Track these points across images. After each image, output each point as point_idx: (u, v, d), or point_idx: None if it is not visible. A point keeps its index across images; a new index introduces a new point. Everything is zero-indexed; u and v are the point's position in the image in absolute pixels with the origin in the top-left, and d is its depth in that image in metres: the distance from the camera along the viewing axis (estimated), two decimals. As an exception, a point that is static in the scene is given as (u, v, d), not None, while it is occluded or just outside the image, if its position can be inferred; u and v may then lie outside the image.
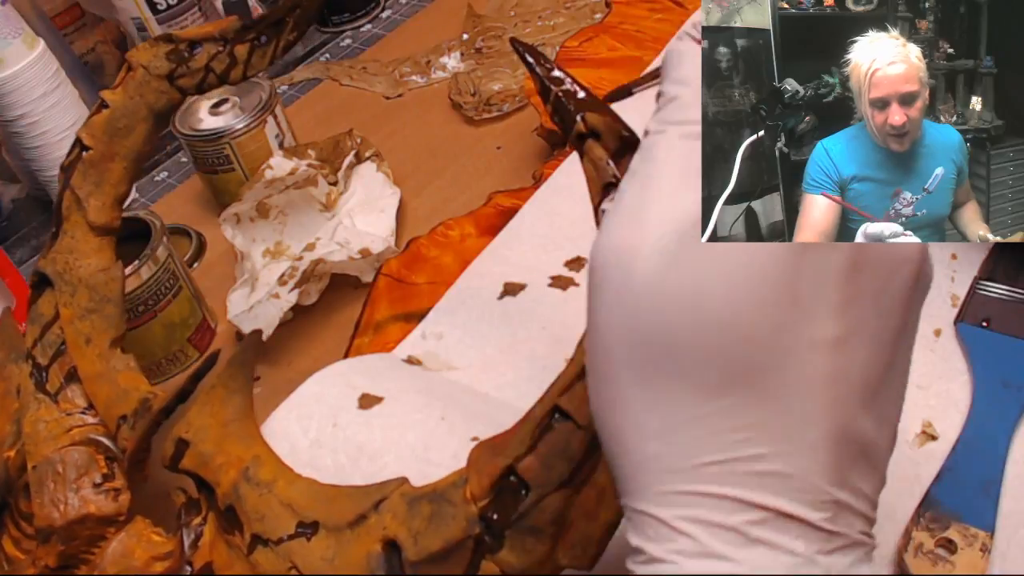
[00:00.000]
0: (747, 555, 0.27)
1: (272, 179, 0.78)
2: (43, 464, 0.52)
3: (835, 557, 0.27)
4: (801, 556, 0.27)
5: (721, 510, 0.27)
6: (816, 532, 0.27)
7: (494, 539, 0.37)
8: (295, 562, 0.41)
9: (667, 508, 0.28)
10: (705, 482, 0.27)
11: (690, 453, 0.27)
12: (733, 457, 0.27)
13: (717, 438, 0.27)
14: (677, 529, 0.27)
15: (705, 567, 0.27)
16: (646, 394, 0.28)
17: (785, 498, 0.27)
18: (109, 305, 0.56)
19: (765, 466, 0.27)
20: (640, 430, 0.28)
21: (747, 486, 0.27)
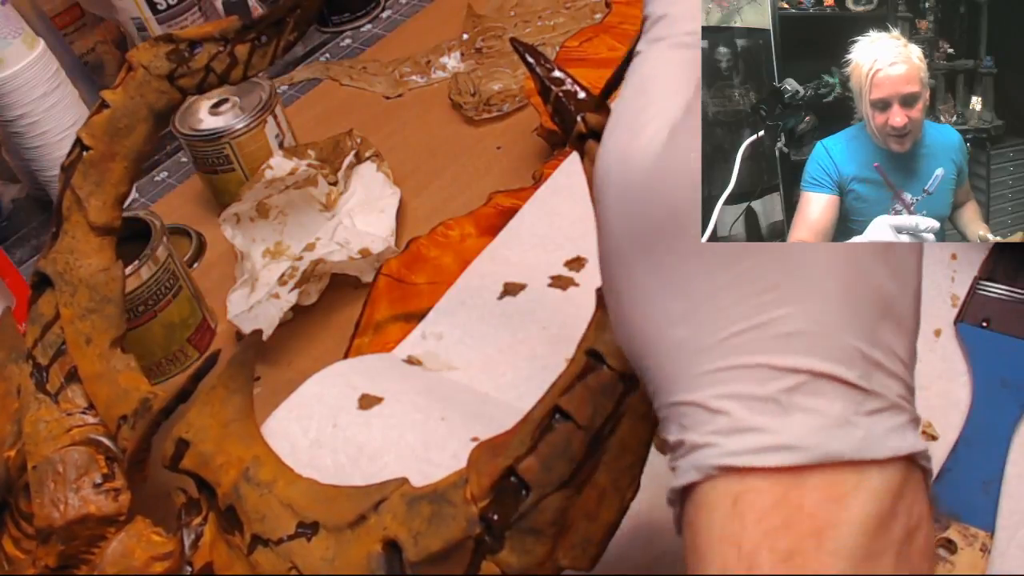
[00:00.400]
0: (785, 423, 0.26)
1: (272, 179, 0.78)
2: (43, 464, 0.52)
3: (875, 419, 0.27)
4: (839, 418, 0.26)
5: (754, 380, 0.26)
6: (852, 391, 0.26)
7: (494, 540, 0.36)
8: (295, 562, 0.41)
9: (701, 390, 0.27)
10: (735, 354, 0.27)
11: (716, 327, 0.27)
12: (758, 322, 0.27)
13: (740, 305, 0.27)
14: (713, 409, 0.27)
15: (744, 443, 0.26)
16: (664, 281, 0.28)
17: (816, 356, 0.26)
18: (109, 305, 0.56)
19: (791, 326, 0.26)
20: (665, 320, 0.28)
21: (777, 350, 0.26)
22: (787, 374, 0.26)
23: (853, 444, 0.26)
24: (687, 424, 0.28)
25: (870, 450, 0.26)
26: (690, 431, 0.28)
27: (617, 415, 0.36)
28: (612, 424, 0.36)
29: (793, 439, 0.26)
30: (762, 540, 0.26)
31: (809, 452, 0.26)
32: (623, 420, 0.36)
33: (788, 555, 0.26)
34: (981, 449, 0.51)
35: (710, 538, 0.27)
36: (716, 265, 0.27)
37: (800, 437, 0.26)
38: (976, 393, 0.54)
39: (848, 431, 0.26)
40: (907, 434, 0.27)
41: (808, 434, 0.26)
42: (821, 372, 0.26)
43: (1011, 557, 0.48)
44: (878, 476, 0.26)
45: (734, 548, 0.26)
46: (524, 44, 0.44)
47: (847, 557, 0.26)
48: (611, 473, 0.36)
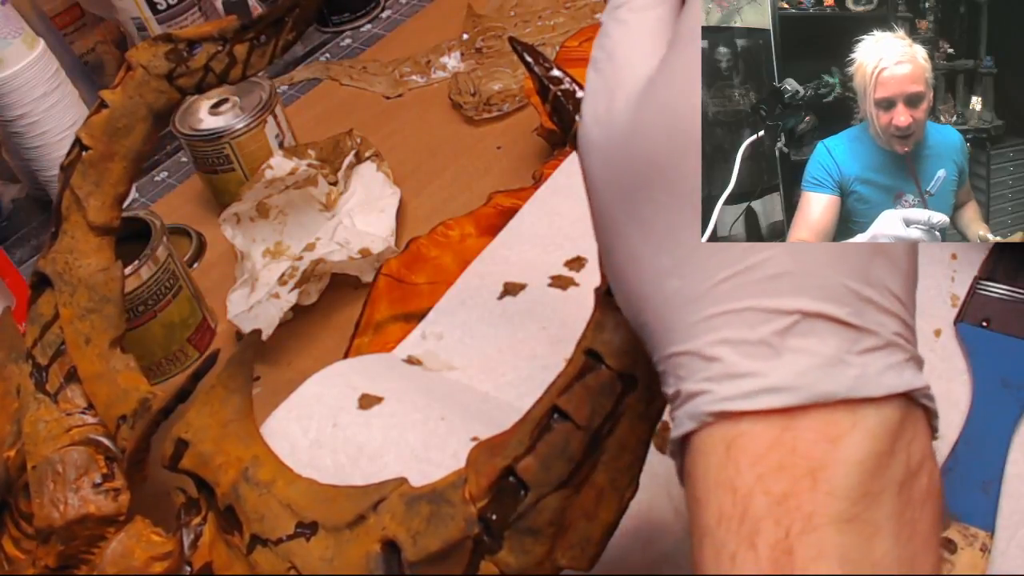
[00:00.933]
0: (776, 365, 0.26)
1: (272, 179, 0.78)
2: (43, 464, 0.51)
3: (869, 357, 0.26)
4: (831, 357, 0.26)
5: (745, 324, 0.26)
6: (844, 329, 0.26)
7: (493, 539, 0.36)
8: (294, 562, 0.41)
9: (694, 339, 0.27)
10: (724, 300, 0.27)
11: (705, 275, 0.27)
12: (744, 267, 0.27)
13: (725, 251, 0.27)
14: (706, 356, 0.27)
15: (737, 387, 0.26)
16: (650, 235, 0.28)
17: (805, 296, 0.26)
18: (109, 305, 0.56)
19: (777, 267, 0.26)
20: (655, 273, 0.28)
21: (764, 293, 0.26)
22: (777, 316, 0.26)
23: (846, 383, 0.26)
24: (682, 374, 0.28)
25: (864, 388, 0.26)
26: (685, 380, 0.28)
27: (616, 415, 0.36)
28: (611, 424, 0.36)
29: (785, 380, 0.26)
30: (756, 483, 0.26)
31: (801, 392, 0.26)
32: (622, 420, 0.36)
33: (783, 497, 0.25)
34: (981, 449, 0.51)
35: (707, 484, 0.27)
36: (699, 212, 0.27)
37: (792, 378, 0.26)
38: (976, 393, 0.54)
39: (841, 370, 0.26)
40: (904, 372, 0.27)
41: (800, 375, 0.26)
42: (811, 311, 0.26)
43: (1011, 557, 0.48)
44: (874, 415, 0.26)
45: (729, 493, 0.26)
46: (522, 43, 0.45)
47: (843, 497, 0.25)
48: (610, 473, 0.36)
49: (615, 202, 0.30)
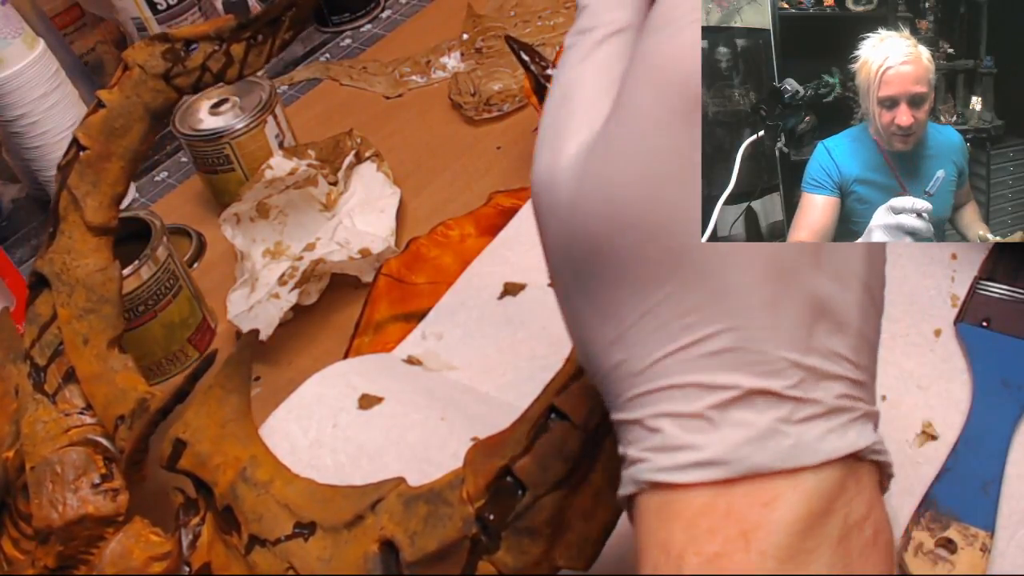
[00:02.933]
0: (712, 438, 0.26)
1: (272, 179, 0.78)
2: (41, 465, 0.51)
3: (805, 425, 0.26)
4: (767, 429, 0.26)
5: (684, 399, 0.27)
6: (782, 401, 0.26)
7: (490, 539, 0.36)
8: (292, 562, 0.41)
9: (638, 410, 0.28)
10: (666, 375, 0.27)
11: (646, 351, 0.27)
12: (685, 343, 0.27)
13: (666, 329, 0.27)
14: (648, 427, 0.27)
15: (674, 459, 0.27)
16: (595, 306, 0.29)
17: (743, 372, 0.26)
18: (107, 305, 0.56)
19: (717, 344, 0.27)
20: (601, 343, 0.29)
21: (705, 369, 0.27)
22: (716, 391, 0.27)
23: (780, 454, 0.26)
24: (628, 439, 0.28)
25: (799, 458, 0.26)
26: (630, 446, 0.28)
27: (614, 414, 0.36)
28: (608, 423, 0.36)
29: (719, 454, 0.26)
30: (688, 544, 0.26)
31: (734, 466, 0.26)
32: (620, 420, 0.36)
33: (714, 557, 0.26)
34: (981, 449, 0.51)
35: (645, 543, 0.28)
36: (639, 291, 0.27)
37: (726, 451, 0.26)
38: (976, 393, 0.54)
39: (776, 441, 0.26)
40: (848, 433, 0.27)
41: (734, 448, 0.26)
42: (750, 388, 0.26)
43: (1011, 557, 0.48)
44: (811, 478, 0.26)
45: (663, 553, 0.27)
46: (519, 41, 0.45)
47: (775, 556, 0.26)
48: (607, 472, 0.36)
49: (563, 267, 0.30)
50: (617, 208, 0.27)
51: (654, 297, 0.27)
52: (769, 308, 0.27)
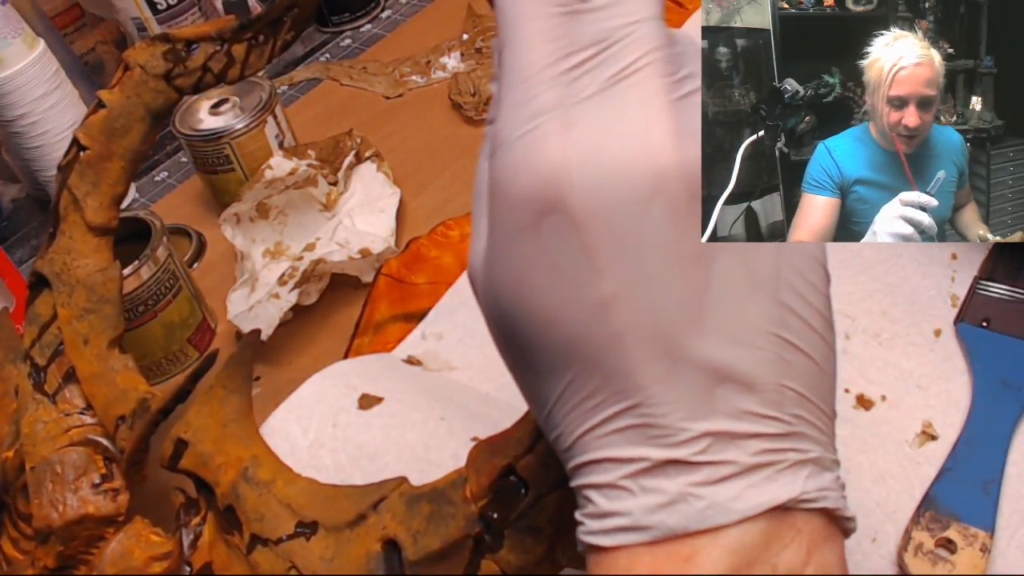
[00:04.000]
0: (631, 505, 0.28)
1: (272, 179, 0.78)
2: (42, 465, 0.51)
3: (722, 486, 0.27)
4: (678, 494, 0.27)
5: (604, 472, 0.28)
6: (692, 468, 0.27)
7: (494, 538, 0.36)
8: (294, 562, 0.41)
9: (575, 479, 0.30)
10: (587, 451, 0.29)
11: (568, 431, 0.29)
12: (595, 423, 0.28)
13: (576, 411, 0.29)
14: (584, 496, 0.29)
15: (601, 524, 0.29)
16: (526, 387, 0.31)
17: (649, 446, 0.28)
18: (107, 305, 0.56)
19: (623, 422, 0.28)
20: (539, 417, 0.31)
21: (615, 445, 0.28)
22: (628, 463, 0.28)
23: (693, 516, 0.27)
24: (576, 503, 0.30)
25: (714, 518, 0.27)
26: (577, 511, 0.30)
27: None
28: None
29: (638, 520, 0.28)
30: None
31: (652, 531, 0.28)
32: (622, 419, 0.36)
33: None
34: (981, 449, 0.51)
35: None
36: (549, 376, 0.29)
37: (643, 517, 0.28)
38: (976, 393, 0.54)
39: (689, 504, 0.27)
40: (771, 487, 0.27)
41: (649, 513, 0.28)
42: (658, 459, 0.28)
43: (1011, 557, 0.48)
44: (734, 532, 0.27)
45: None
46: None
47: None
48: None
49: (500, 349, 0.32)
50: (510, 306, 0.29)
51: (561, 382, 0.29)
52: (664, 383, 0.27)
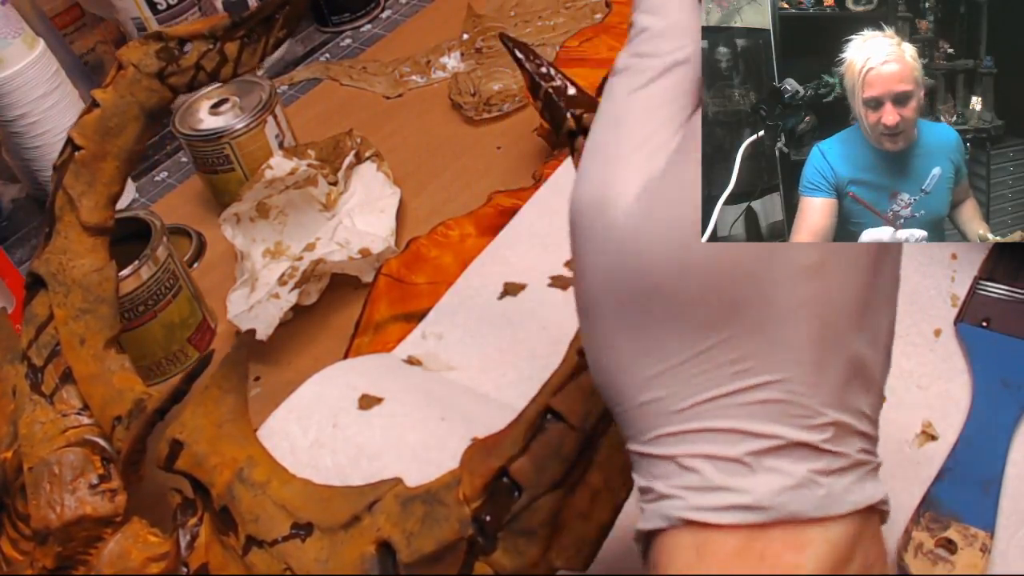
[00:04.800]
0: (751, 483, 0.27)
1: (272, 179, 0.77)
2: (39, 466, 0.51)
3: (836, 477, 0.27)
4: (803, 479, 0.27)
5: (725, 443, 0.27)
6: (817, 454, 0.27)
7: (487, 541, 0.36)
8: (289, 563, 0.41)
9: (672, 447, 0.28)
10: (707, 418, 0.27)
11: (689, 392, 0.28)
12: (732, 390, 0.27)
13: (714, 374, 0.27)
14: (684, 466, 0.28)
15: (711, 500, 0.27)
16: (638, 341, 0.28)
17: (785, 424, 0.27)
18: (103, 305, 0.56)
19: (764, 395, 0.27)
20: (637, 377, 0.28)
21: (748, 417, 0.27)
22: (758, 439, 0.27)
23: (814, 503, 0.27)
24: (656, 473, 0.28)
25: (831, 508, 0.27)
26: (660, 481, 0.28)
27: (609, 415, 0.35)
28: (604, 424, 0.36)
29: (757, 499, 0.27)
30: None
31: (771, 512, 0.27)
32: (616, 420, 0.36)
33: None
34: (981, 449, 0.51)
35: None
36: (693, 332, 0.27)
37: (764, 497, 0.27)
38: (976, 393, 0.54)
39: (811, 491, 0.27)
40: (866, 486, 0.28)
41: (772, 494, 0.27)
42: (791, 440, 0.27)
43: (1011, 557, 0.47)
44: (838, 527, 0.27)
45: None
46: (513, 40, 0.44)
47: None
48: (604, 473, 0.36)
49: (604, 295, 0.29)
50: (686, 253, 0.27)
51: (709, 340, 0.27)
52: (816, 366, 0.27)
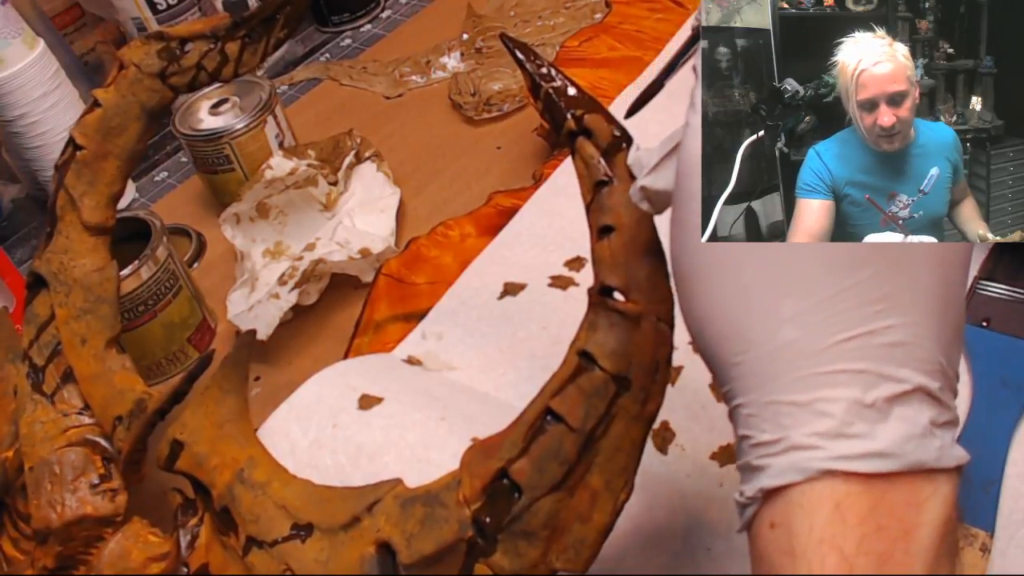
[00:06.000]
0: (882, 430, 0.27)
1: (272, 179, 0.77)
2: (40, 465, 0.51)
3: (946, 430, 0.28)
4: (926, 428, 0.27)
5: (860, 385, 0.27)
6: (934, 403, 0.28)
7: (487, 542, 0.36)
8: (289, 564, 0.41)
9: (805, 392, 0.28)
10: (844, 360, 0.27)
11: (829, 331, 0.28)
12: (869, 330, 0.27)
13: (855, 312, 0.27)
14: (819, 411, 0.28)
15: (848, 447, 0.27)
16: (778, 279, 0.28)
17: (914, 369, 0.27)
18: (104, 305, 0.56)
19: (895, 336, 0.27)
20: (772, 318, 0.28)
21: (883, 359, 0.27)
22: (888, 383, 0.27)
23: (934, 454, 0.27)
24: (787, 423, 0.28)
25: (944, 460, 0.28)
26: (791, 430, 0.28)
27: (609, 416, 0.36)
28: (604, 426, 0.36)
29: (889, 446, 0.27)
30: (860, 543, 0.27)
31: (902, 460, 0.27)
32: (615, 422, 0.36)
33: (881, 558, 0.27)
34: (981, 449, 0.51)
35: (809, 540, 0.28)
36: (839, 267, 0.28)
37: (895, 445, 0.27)
38: (976, 393, 0.54)
39: (931, 441, 0.27)
40: (957, 447, 0.29)
41: (901, 442, 0.27)
42: (917, 384, 0.27)
43: (1011, 557, 0.47)
44: (946, 483, 0.28)
45: (836, 551, 0.27)
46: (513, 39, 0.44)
47: (924, 559, 0.27)
48: (604, 475, 0.36)
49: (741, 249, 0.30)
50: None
51: (856, 275, 0.28)
52: (939, 312, 0.28)
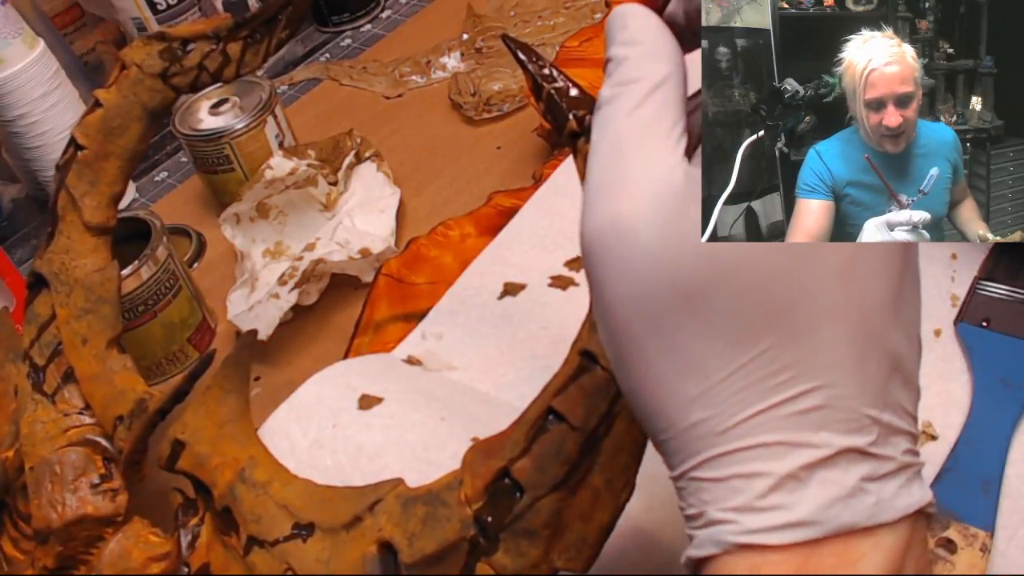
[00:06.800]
0: (801, 498, 0.26)
1: (272, 179, 0.77)
2: (41, 465, 0.51)
3: (884, 483, 0.27)
4: (853, 488, 0.26)
5: (773, 458, 0.27)
6: (865, 459, 0.27)
7: (488, 541, 0.36)
8: (291, 563, 0.41)
9: (720, 469, 0.27)
10: (754, 435, 0.27)
11: (734, 409, 0.27)
12: (777, 401, 0.27)
13: (758, 386, 0.27)
14: (732, 487, 0.27)
15: (763, 520, 0.26)
16: (676, 360, 0.28)
17: (832, 431, 0.27)
18: (105, 305, 0.56)
19: (808, 403, 0.27)
20: (680, 400, 0.28)
21: (795, 428, 0.27)
22: (805, 450, 0.26)
23: (866, 512, 0.26)
24: (706, 498, 0.28)
25: (882, 515, 0.27)
26: (709, 505, 0.28)
27: (611, 416, 0.36)
28: (606, 425, 0.36)
29: (809, 514, 0.26)
30: None
31: (825, 526, 0.26)
32: (617, 421, 0.36)
33: None
34: (981, 449, 0.51)
35: None
36: (733, 345, 0.27)
37: (816, 512, 0.26)
38: (976, 393, 0.54)
39: (861, 499, 0.26)
40: (912, 489, 0.27)
41: (823, 508, 0.26)
42: (840, 447, 0.26)
43: (1011, 557, 0.47)
44: (889, 535, 0.27)
45: None
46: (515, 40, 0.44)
47: None
48: (605, 474, 0.36)
49: (635, 318, 0.28)
50: (713, 261, 0.27)
51: (749, 352, 0.27)
52: (857, 365, 0.27)
